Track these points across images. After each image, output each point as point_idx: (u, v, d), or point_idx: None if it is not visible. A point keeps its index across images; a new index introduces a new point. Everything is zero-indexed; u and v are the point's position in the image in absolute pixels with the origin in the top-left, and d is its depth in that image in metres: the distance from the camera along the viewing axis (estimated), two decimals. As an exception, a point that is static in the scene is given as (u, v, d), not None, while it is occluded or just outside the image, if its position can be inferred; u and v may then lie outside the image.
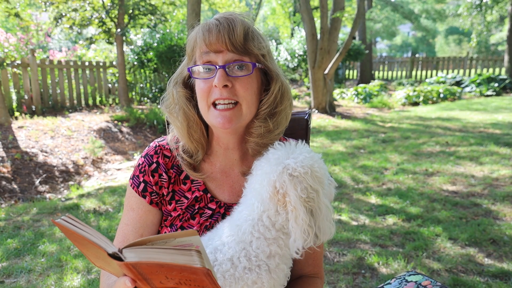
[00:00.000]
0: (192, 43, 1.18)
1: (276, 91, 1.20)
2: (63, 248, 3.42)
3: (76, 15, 9.89)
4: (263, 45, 1.17)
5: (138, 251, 0.80)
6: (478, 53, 29.30)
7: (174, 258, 0.77)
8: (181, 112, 1.22)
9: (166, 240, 0.81)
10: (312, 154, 1.08)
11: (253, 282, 1.05)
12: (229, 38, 1.10)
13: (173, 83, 1.24)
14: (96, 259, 0.92)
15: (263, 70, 1.21)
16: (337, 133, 8.00)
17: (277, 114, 1.22)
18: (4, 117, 7.11)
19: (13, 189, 5.17)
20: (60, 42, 18.64)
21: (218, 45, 1.11)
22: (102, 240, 0.83)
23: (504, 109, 10.63)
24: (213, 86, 1.13)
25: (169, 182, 1.25)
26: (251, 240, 1.06)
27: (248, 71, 1.14)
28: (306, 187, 1.02)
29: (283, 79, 1.22)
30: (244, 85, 1.14)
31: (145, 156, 1.27)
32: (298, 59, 14.75)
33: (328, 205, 1.07)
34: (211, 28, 1.12)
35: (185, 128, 1.21)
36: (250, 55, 1.14)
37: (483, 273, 2.89)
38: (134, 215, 1.26)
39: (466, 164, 5.55)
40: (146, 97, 11.08)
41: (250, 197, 1.11)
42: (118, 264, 0.82)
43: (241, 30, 1.12)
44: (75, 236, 0.85)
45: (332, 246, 3.37)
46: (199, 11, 7.58)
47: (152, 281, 0.85)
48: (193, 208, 1.25)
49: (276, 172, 1.04)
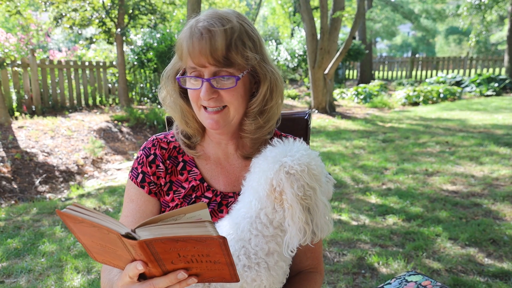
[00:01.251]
0: (180, 50, 1.19)
1: (264, 91, 1.21)
2: (63, 248, 3.42)
3: (76, 15, 9.89)
4: (249, 50, 1.15)
5: (152, 229, 0.80)
6: (478, 53, 29.31)
7: (189, 231, 0.78)
8: (175, 104, 1.26)
9: (176, 217, 0.82)
10: (309, 152, 1.09)
11: (252, 280, 1.05)
12: (211, 53, 1.11)
13: (166, 77, 1.26)
14: (101, 251, 0.90)
15: (251, 72, 1.21)
16: (337, 133, 8.00)
17: (267, 111, 1.23)
18: (4, 117, 7.11)
19: (13, 189, 5.17)
20: (60, 42, 18.65)
21: (201, 60, 1.12)
22: (113, 223, 0.82)
23: (504, 109, 10.63)
24: (200, 96, 1.16)
25: (166, 172, 1.29)
26: (250, 237, 1.07)
27: (232, 83, 1.15)
28: (303, 185, 1.03)
29: (271, 76, 1.21)
30: (229, 93, 1.16)
31: (143, 149, 1.32)
32: (298, 59, 14.75)
33: (326, 203, 1.07)
34: (194, 42, 1.12)
35: (181, 117, 1.26)
36: (234, 65, 1.14)
37: (483, 273, 2.89)
38: (133, 206, 1.28)
39: (466, 164, 5.55)
40: (146, 97, 11.08)
41: (247, 194, 1.11)
42: (131, 244, 0.81)
43: (223, 43, 1.11)
44: (83, 225, 0.83)
45: (332, 246, 3.37)
46: (199, 11, 7.58)
47: (164, 262, 0.85)
48: (190, 197, 1.28)
49: (273, 170, 1.05)
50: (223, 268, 0.85)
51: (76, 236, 0.89)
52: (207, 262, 0.84)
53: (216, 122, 1.18)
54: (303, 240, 1.03)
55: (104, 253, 0.91)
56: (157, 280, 0.88)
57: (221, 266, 0.85)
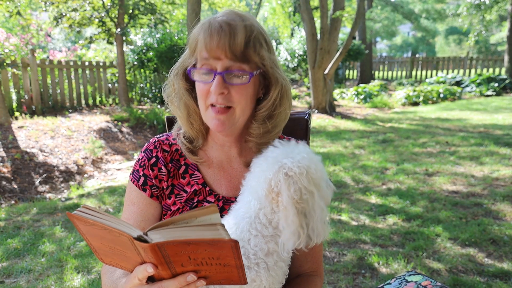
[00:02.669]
0: (194, 43, 1.17)
1: (275, 96, 1.20)
2: (63, 248, 3.42)
3: (76, 15, 9.89)
4: (264, 51, 1.15)
5: (164, 232, 0.80)
6: (478, 53, 29.30)
7: (201, 234, 0.78)
8: (181, 102, 1.23)
9: (187, 220, 0.82)
10: (310, 156, 1.08)
11: (252, 280, 1.05)
12: (229, 46, 1.10)
13: (174, 74, 1.24)
14: (109, 253, 0.90)
15: (262, 74, 1.20)
16: (337, 133, 8.00)
17: (276, 116, 1.22)
18: (4, 117, 7.11)
19: (13, 189, 5.17)
20: (60, 42, 18.64)
21: (218, 52, 1.11)
22: (125, 225, 0.82)
23: (504, 109, 10.63)
24: (211, 90, 1.15)
25: (168, 175, 1.27)
26: (249, 238, 1.07)
27: (245, 79, 1.14)
28: (300, 188, 1.02)
29: (283, 81, 1.21)
30: (239, 92, 1.14)
31: (144, 151, 1.30)
32: (298, 59, 14.75)
33: (323, 208, 1.06)
34: (212, 34, 1.11)
35: (185, 117, 1.24)
36: (249, 62, 1.13)
37: (483, 273, 2.89)
38: (135, 209, 1.27)
39: (466, 164, 5.55)
40: (146, 97, 11.08)
41: (247, 194, 1.11)
42: (143, 247, 0.81)
43: (242, 38, 1.11)
44: (94, 227, 0.83)
45: (332, 246, 3.37)
46: (199, 11, 7.58)
47: (174, 264, 0.85)
48: (192, 201, 1.27)
49: (272, 170, 1.05)
50: (232, 271, 0.86)
51: (84, 238, 0.89)
52: (217, 265, 0.84)
53: (222, 123, 1.16)
54: (297, 243, 1.02)
55: (112, 255, 0.91)
56: (166, 282, 0.88)
57: (230, 268, 0.85)
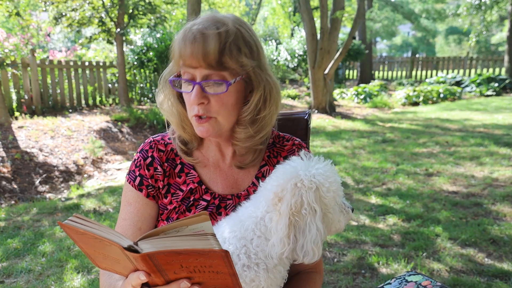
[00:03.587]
0: (173, 52, 1.18)
1: (257, 100, 1.18)
2: (63, 248, 3.42)
3: (76, 15, 9.89)
4: (243, 56, 1.13)
5: (154, 241, 0.80)
6: (478, 53, 29.31)
7: (192, 244, 0.78)
8: (172, 108, 1.24)
9: (178, 229, 0.81)
10: (328, 174, 1.07)
11: (251, 280, 1.05)
12: (203, 55, 1.09)
13: (163, 81, 1.25)
14: (103, 260, 0.91)
15: (245, 79, 1.19)
16: (337, 133, 8.00)
17: (259, 120, 1.20)
18: (4, 117, 7.11)
19: (13, 189, 5.17)
20: (60, 42, 18.63)
21: (193, 62, 1.11)
22: (115, 235, 0.82)
23: (504, 109, 10.63)
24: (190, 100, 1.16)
25: (164, 175, 1.28)
26: (252, 237, 1.07)
27: (224, 88, 1.13)
28: (302, 202, 1.02)
29: (267, 85, 1.19)
30: (219, 101, 1.14)
31: (140, 151, 1.31)
32: (298, 59, 14.75)
33: (322, 230, 1.04)
34: (186, 44, 1.12)
35: (178, 122, 1.25)
36: (228, 69, 1.12)
37: (483, 273, 2.89)
38: (131, 209, 1.28)
39: (466, 164, 5.55)
40: (146, 97, 11.07)
41: (260, 195, 1.12)
42: (134, 257, 0.81)
43: (216, 46, 1.09)
44: (86, 236, 0.83)
45: (332, 246, 3.37)
46: (199, 11, 7.58)
47: (167, 272, 0.85)
48: (188, 200, 1.27)
49: (286, 177, 1.05)
50: (226, 278, 0.86)
51: (78, 245, 0.90)
52: (210, 272, 0.84)
53: (207, 130, 1.17)
54: (281, 251, 1.02)
55: (106, 261, 0.91)
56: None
57: (224, 276, 0.85)
